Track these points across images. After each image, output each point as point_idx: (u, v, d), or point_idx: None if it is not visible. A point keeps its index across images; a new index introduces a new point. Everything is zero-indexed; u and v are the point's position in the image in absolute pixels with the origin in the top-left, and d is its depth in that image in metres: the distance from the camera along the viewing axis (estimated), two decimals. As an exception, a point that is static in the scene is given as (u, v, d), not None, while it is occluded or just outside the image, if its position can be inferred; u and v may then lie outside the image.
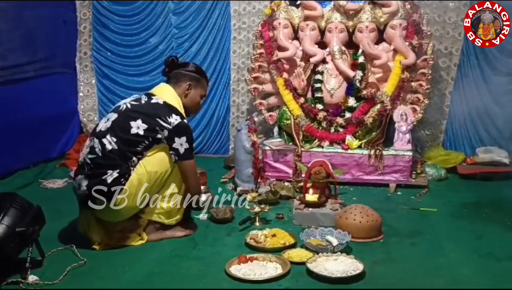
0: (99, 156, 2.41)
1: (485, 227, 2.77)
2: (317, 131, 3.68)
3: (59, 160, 4.18)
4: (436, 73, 4.01)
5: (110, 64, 4.50)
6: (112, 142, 2.41)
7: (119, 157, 2.40)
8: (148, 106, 2.50)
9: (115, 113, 2.51)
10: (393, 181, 3.51)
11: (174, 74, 2.66)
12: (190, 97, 2.64)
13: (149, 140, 2.43)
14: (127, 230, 2.54)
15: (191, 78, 2.65)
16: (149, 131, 2.42)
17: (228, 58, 4.35)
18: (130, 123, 2.43)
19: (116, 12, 4.40)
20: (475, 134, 4.09)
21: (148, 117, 2.44)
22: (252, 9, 4.22)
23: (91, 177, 2.41)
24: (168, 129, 2.43)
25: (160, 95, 2.57)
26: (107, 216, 2.46)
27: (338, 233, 2.51)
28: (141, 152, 2.44)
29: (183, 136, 2.45)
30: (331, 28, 3.72)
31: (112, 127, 2.45)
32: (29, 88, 3.90)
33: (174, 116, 2.45)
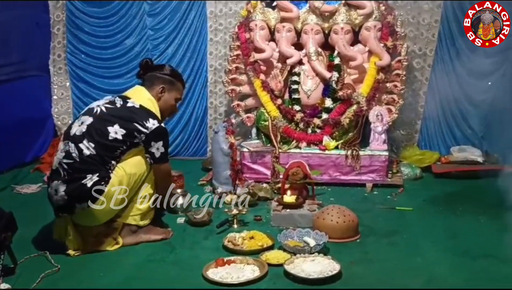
0: (76, 161, 2.38)
1: (460, 225, 2.82)
2: (294, 132, 3.69)
3: (33, 165, 4.10)
4: (410, 74, 4.06)
5: (85, 66, 4.42)
6: (90, 147, 2.39)
7: (97, 162, 2.39)
8: (124, 110, 2.48)
9: (89, 116, 2.47)
10: (369, 181, 3.55)
11: (149, 77, 2.64)
12: (164, 100, 2.62)
13: (127, 144, 2.43)
14: (102, 234, 2.50)
15: (165, 81, 2.63)
16: (127, 136, 2.42)
17: (205, 60, 4.33)
18: (108, 128, 2.41)
19: (90, 14, 4.33)
20: (449, 133, 4.16)
21: (126, 122, 2.43)
22: (228, 10, 4.21)
23: (69, 182, 2.37)
24: (145, 133, 2.43)
25: (135, 98, 2.55)
26: (86, 220, 2.43)
27: (315, 234, 2.52)
28: (119, 156, 2.43)
29: (159, 140, 2.46)
30: (307, 29, 3.73)
31: (88, 132, 2.42)
32: (2, 92, 3.83)
33: (152, 121, 2.45)
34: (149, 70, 2.66)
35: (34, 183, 3.67)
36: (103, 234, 2.51)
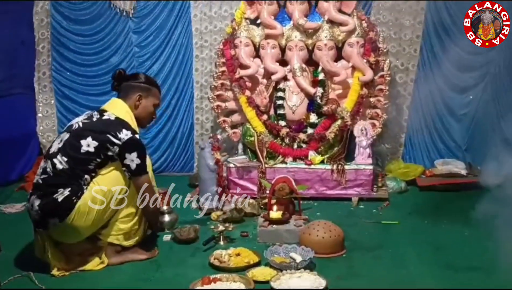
0: (50, 176, 2.39)
1: (444, 238, 2.85)
2: (280, 148, 3.71)
3: (17, 183, 4.06)
4: (394, 88, 4.12)
5: (70, 84, 4.42)
6: (63, 162, 2.38)
7: (69, 176, 2.37)
8: (99, 122, 2.47)
9: (67, 133, 2.49)
10: (355, 195, 3.58)
11: (124, 87, 2.62)
12: (142, 107, 2.61)
13: (100, 157, 2.40)
14: (87, 253, 2.48)
15: (141, 88, 2.61)
16: (100, 148, 2.39)
17: (191, 76, 4.35)
18: (81, 142, 2.39)
19: (75, 32, 4.34)
20: (433, 146, 4.22)
21: (98, 134, 2.41)
22: (213, 28, 4.25)
23: (43, 196, 2.36)
24: (118, 145, 2.40)
25: (111, 110, 2.53)
26: (62, 236, 2.41)
27: (301, 250, 2.52)
28: (93, 170, 2.40)
29: (133, 151, 2.41)
30: (291, 46, 3.78)
31: (63, 147, 2.42)
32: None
33: (125, 132, 2.42)
34: (123, 81, 2.64)
35: (18, 202, 3.61)
36: (88, 253, 2.48)
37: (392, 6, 4.06)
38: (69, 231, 2.38)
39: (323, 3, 3.78)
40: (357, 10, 3.82)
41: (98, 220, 2.41)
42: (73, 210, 2.33)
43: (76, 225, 2.36)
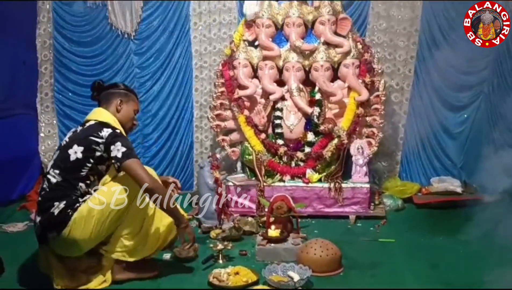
0: (46, 191, 2.46)
1: (440, 255, 2.90)
2: (278, 166, 3.77)
3: (19, 202, 4.10)
4: (389, 107, 4.20)
5: (72, 104, 4.50)
6: (56, 175, 2.45)
7: (64, 188, 2.43)
8: (82, 131, 2.54)
9: (57, 150, 2.58)
10: (352, 213, 3.62)
11: (104, 96, 2.68)
12: (123, 112, 2.65)
13: (90, 161, 2.46)
14: (90, 271, 2.52)
15: (121, 94, 2.67)
16: (87, 152, 2.45)
17: (191, 96, 4.44)
18: (68, 152, 2.46)
19: (77, 53, 4.43)
20: (429, 164, 4.28)
21: (82, 139, 2.48)
22: (212, 49, 4.35)
23: (42, 212, 2.44)
24: (102, 143, 2.45)
25: (93, 118, 2.59)
26: (63, 250, 2.45)
27: (299, 268, 2.56)
28: (87, 177, 2.46)
29: (117, 142, 2.44)
30: (289, 67, 3.87)
31: (55, 162, 2.50)
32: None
33: (106, 129, 2.47)
34: (102, 90, 2.70)
35: (20, 221, 3.67)
36: (91, 271, 2.52)
37: (387, 28, 4.16)
38: (68, 244, 2.41)
39: (319, 25, 3.87)
40: (352, 32, 3.91)
41: (96, 232, 2.43)
42: (69, 222, 2.37)
43: (74, 238, 2.39)
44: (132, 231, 2.53)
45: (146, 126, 4.43)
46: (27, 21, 4.31)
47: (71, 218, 2.38)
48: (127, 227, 2.52)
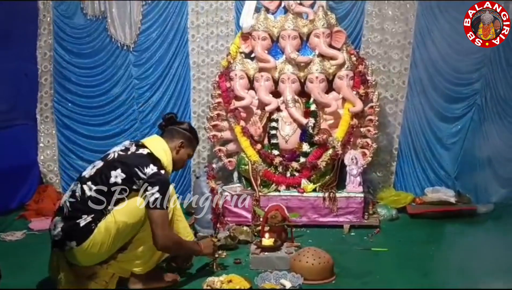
0: (77, 200, 2.48)
1: (431, 264, 2.94)
2: (273, 176, 3.82)
3: (18, 212, 4.14)
4: (384, 118, 4.27)
5: (71, 114, 4.56)
6: (92, 190, 2.48)
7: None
8: (132, 156, 2.56)
9: (102, 161, 2.59)
10: (347, 222, 3.66)
11: (170, 130, 2.75)
12: (180, 154, 2.72)
13: (126, 190, 2.49)
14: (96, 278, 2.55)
15: (185, 137, 2.74)
16: (126, 181, 2.49)
17: (189, 107, 4.51)
18: (111, 173, 2.50)
19: (77, 65, 4.51)
20: (424, 175, 4.33)
21: (128, 167, 2.50)
22: (210, 60, 4.42)
23: (67, 219, 2.47)
24: (143, 179, 2.49)
25: (150, 146, 2.62)
26: (78, 259, 2.49)
27: (291, 276, 2.60)
28: (117, 201, 2.49)
29: (156, 186, 2.47)
30: (284, 78, 3.94)
31: (95, 175, 2.52)
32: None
33: (152, 166, 2.50)
34: (171, 124, 2.78)
35: (18, 230, 3.71)
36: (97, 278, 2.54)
37: (381, 40, 4.23)
38: (83, 255, 2.47)
39: (314, 38, 3.95)
40: (346, 44, 3.99)
41: (111, 246, 2.49)
42: (90, 237, 2.42)
43: (90, 251, 2.45)
44: (143, 244, 2.56)
45: (144, 136, 4.46)
46: (29, 33, 4.39)
47: (93, 232, 2.43)
48: (139, 241, 2.56)
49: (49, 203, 4.23)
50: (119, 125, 4.55)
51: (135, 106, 4.51)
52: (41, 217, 4.02)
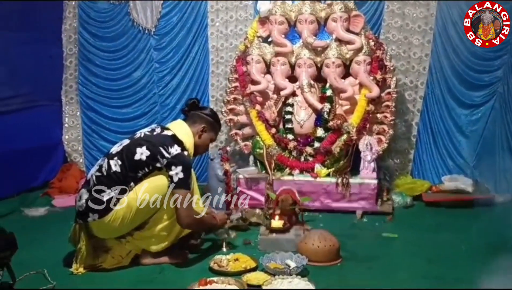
0: (103, 175, 2.60)
1: (440, 252, 2.92)
2: (287, 160, 3.85)
3: (42, 189, 4.31)
4: (402, 104, 4.22)
5: (95, 96, 4.70)
6: (118, 165, 2.59)
7: (120, 180, 2.58)
8: (158, 136, 2.68)
9: (129, 139, 2.72)
10: (359, 208, 3.67)
11: (192, 115, 2.86)
12: (202, 138, 2.83)
13: (149, 167, 2.59)
14: (113, 252, 2.66)
15: (207, 121, 2.84)
16: (151, 159, 2.59)
17: (207, 91, 4.56)
18: (136, 149, 2.61)
19: (101, 48, 4.63)
20: (442, 163, 4.27)
21: (153, 145, 2.61)
22: (229, 45, 4.46)
23: (91, 191, 2.58)
24: (167, 158, 2.58)
25: (174, 129, 2.73)
26: (98, 231, 2.62)
27: (297, 257, 2.64)
28: (140, 178, 2.59)
29: (179, 165, 2.57)
30: (300, 63, 3.93)
31: (121, 151, 2.64)
32: (15, 120, 4.08)
33: (176, 147, 2.61)
34: (194, 109, 2.88)
35: (42, 207, 3.87)
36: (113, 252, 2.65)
37: (401, 25, 4.17)
38: (104, 228, 2.59)
39: (332, 22, 3.92)
40: (365, 29, 3.94)
41: (131, 222, 2.60)
42: (112, 211, 2.54)
43: (112, 224, 2.56)
44: (159, 224, 2.65)
45: (164, 119, 4.58)
46: (54, 17, 4.54)
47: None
48: (156, 220, 2.65)
49: (73, 182, 4.39)
50: (139, 107, 4.66)
51: (156, 89, 4.60)
52: (64, 195, 4.19)
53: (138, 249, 2.71)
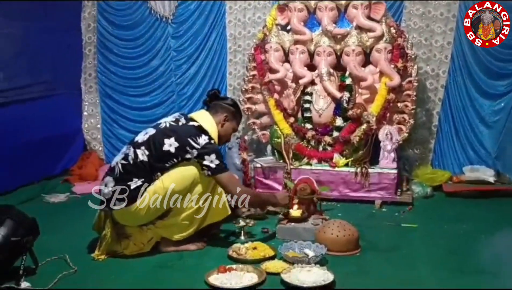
0: (130, 163, 2.62)
1: (460, 243, 2.88)
2: (306, 150, 3.83)
3: (62, 176, 4.38)
4: (424, 94, 4.15)
5: (113, 85, 4.72)
6: (145, 154, 2.62)
7: (147, 169, 2.60)
8: (184, 127, 2.70)
9: (154, 129, 2.73)
10: (378, 198, 3.63)
11: (214, 105, 2.88)
12: (225, 128, 2.84)
13: (178, 158, 2.62)
14: (135, 239, 2.69)
15: (229, 111, 2.86)
16: (179, 150, 2.61)
17: (225, 80, 4.55)
18: (164, 140, 2.63)
19: (119, 36, 4.64)
20: (463, 153, 4.20)
21: (181, 137, 2.63)
22: (247, 33, 4.43)
23: (118, 180, 2.61)
24: (197, 149, 2.61)
25: (198, 120, 2.75)
26: (123, 219, 2.65)
27: (315, 247, 2.63)
28: (167, 169, 2.62)
29: (212, 154, 2.61)
30: (320, 51, 3.89)
31: (148, 141, 2.66)
32: (35, 108, 4.13)
33: (204, 137, 2.64)
34: (215, 99, 2.90)
35: (62, 193, 3.93)
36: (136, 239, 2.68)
37: (423, 13, 4.09)
38: (130, 216, 2.62)
39: (352, 9, 3.86)
40: (386, 16, 3.87)
41: (156, 211, 2.63)
42: (139, 199, 2.57)
43: (137, 212, 2.59)
44: (182, 213, 2.67)
45: (181, 108, 4.58)
46: (72, 5, 4.55)
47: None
48: (179, 209, 2.66)
49: (92, 169, 4.44)
50: (157, 96, 4.67)
51: (173, 78, 4.61)
52: (84, 182, 4.24)
53: (158, 236, 2.73)
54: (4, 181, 3.76)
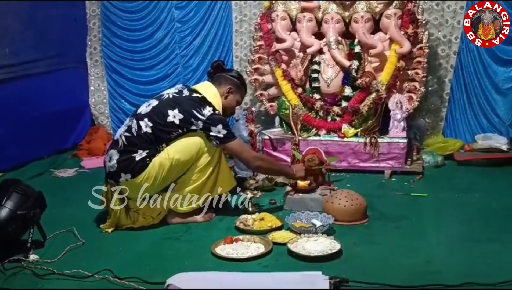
0: (134, 135, 2.61)
1: (471, 212, 2.82)
2: (314, 120, 3.77)
3: (71, 151, 4.39)
4: (435, 61, 4.04)
5: (119, 59, 4.67)
6: (148, 126, 2.60)
7: (151, 140, 2.59)
8: (188, 98, 2.67)
9: (157, 100, 2.71)
10: (388, 168, 3.58)
11: (218, 77, 2.84)
12: (228, 100, 2.81)
13: (183, 130, 2.61)
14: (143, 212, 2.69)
15: (233, 83, 2.82)
16: (184, 122, 2.59)
17: (231, 50, 4.47)
18: (168, 111, 2.61)
19: (122, 8, 4.57)
20: (476, 121, 4.11)
21: (185, 109, 2.61)
22: (253, 1, 4.32)
23: (123, 152, 2.60)
24: (202, 120, 2.59)
25: (202, 91, 2.72)
26: (130, 191, 2.63)
27: (323, 217, 2.61)
28: (172, 140, 2.61)
29: (218, 124, 2.60)
30: (328, 19, 3.78)
31: (151, 112, 2.63)
32: (42, 83, 4.11)
33: (208, 108, 2.61)
34: (219, 71, 2.86)
35: (71, 168, 3.95)
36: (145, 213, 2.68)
37: (435, -24, 3.95)
38: (136, 188, 2.60)
39: (361, -26, 3.74)
40: (396, -20, 3.74)
41: (162, 182, 2.62)
42: (145, 170, 2.56)
43: (143, 184, 2.58)
44: (189, 185, 2.66)
45: (187, 80, 4.53)
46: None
47: (148, 166, 2.56)
48: (185, 182, 2.66)
49: (100, 144, 4.44)
50: (162, 69, 4.62)
51: (178, 50, 4.54)
52: (92, 156, 4.25)
53: (167, 210, 2.73)
54: (15, 156, 3.79)
